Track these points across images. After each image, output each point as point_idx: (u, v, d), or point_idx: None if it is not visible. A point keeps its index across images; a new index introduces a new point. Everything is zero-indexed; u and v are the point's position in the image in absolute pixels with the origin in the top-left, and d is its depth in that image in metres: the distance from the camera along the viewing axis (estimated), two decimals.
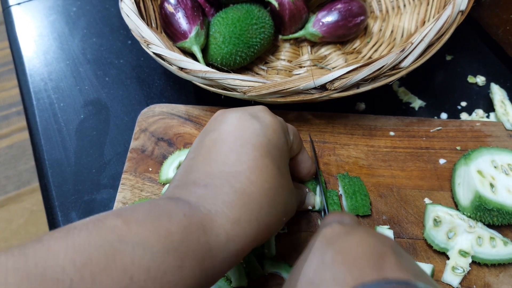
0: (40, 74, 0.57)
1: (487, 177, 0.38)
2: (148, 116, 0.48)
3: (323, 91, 0.40)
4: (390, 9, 0.58)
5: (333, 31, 0.52)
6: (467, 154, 0.41)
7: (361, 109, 0.52)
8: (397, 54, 0.39)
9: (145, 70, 0.57)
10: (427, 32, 0.39)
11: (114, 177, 0.46)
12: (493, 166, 0.39)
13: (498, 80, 0.54)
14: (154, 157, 0.45)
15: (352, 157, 0.45)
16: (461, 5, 0.40)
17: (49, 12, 0.66)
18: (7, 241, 1.23)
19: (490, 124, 0.47)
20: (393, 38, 0.55)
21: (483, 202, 0.37)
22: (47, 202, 0.45)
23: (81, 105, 0.53)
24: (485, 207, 0.37)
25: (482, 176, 0.38)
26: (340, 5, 0.52)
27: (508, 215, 0.37)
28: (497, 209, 0.36)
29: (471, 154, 0.40)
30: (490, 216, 0.37)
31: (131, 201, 0.42)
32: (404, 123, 0.47)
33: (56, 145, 0.49)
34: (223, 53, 0.47)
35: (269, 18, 0.50)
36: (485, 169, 0.39)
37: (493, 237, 0.37)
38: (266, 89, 0.39)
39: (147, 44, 0.44)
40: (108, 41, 0.61)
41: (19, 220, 1.28)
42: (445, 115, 0.51)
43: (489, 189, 0.37)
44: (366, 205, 0.40)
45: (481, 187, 0.37)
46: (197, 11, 0.47)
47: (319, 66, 0.54)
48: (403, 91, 0.53)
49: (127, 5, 0.46)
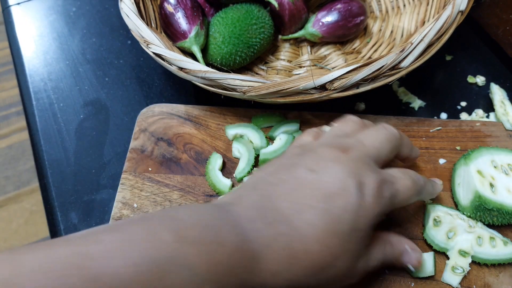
0: (39, 74, 0.57)
1: (487, 177, 0.38)
2: (147, 116, 0.48)
3: (323, 91, 0.40)
4: (390, 9, 0.58)
5: (333, 31, 0.52)
6: (467, 154, 0.41)
7: (361, 109, 0.52)
8: (396, 54, 0.39)
9: (145, 70, 0.57)
10: (427, 32, 0.39)
11: (114, 177, 0.46)
12: (493, 166, 0.39)
13: (498, 80, 0.54)
14: (154, 157, 0.45)
15: None
16: (460, 5, 0.40)
17: (49, 12, 0.66)
18: (6, 241, 1.23)
19: (490, 124, 0.47)
20: (393, 38, 0.55)
21: (483, 202, 0.37)
22: (46, 202, 0.45)
23: (80, 105, 0.53)
24: (485, 207, 0.37)
25: (482, 176, 0.38)
26: (340, 5, 0.52)
27: (508, 215, 0.37)
28: (497, 209, 0.36)
29: (471, 154, 0.40)
30: (490, 216, 0.37)
31: (131, 201, 0.42)
32: (403, 123, 0.47)
33: (55, 145, 0.49)
34: (222, 53, 0.47)
35: (269, 18, 0.50)
36: (485, 169, 0.39)
37: (493, 237, 0.37)
38: (266, 89, 0.39)
39: (146, 44, 0.44)
40: (108, 41, 0.61)
41: (18, 220, 1.28)
42: (444, 115, 0.51)
43: (489, 189, 0.37)
44: None
45: (481, 187, 0.37)
46: (197, 11, 0.47)
47: (319, 66, 0.54)
48: (402, 91, 0.53)
49: (127, 5, 0.46)
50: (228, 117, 0.48)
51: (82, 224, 0.42)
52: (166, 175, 0.44)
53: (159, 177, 0.44)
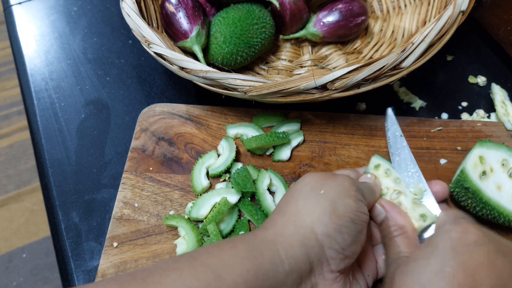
0: (41, 73, 0.57)
1: (485, 165, 0.38)
2: (148, 115, 0.49)
3: (324, 91, 0.40)
4: (391, 9, 0.58)
5: (334, 31, 0.52)
6: (484, 141, 0.40)
7: (362, 109, 0.52)
8: (398, 54, 0.39)
9: (146, 69, 0.57)
10: (428, 32, 0.39)
11: (115, 176, 0.46)
12: (502, 164, 0.39)
13: (499, 80, 0.54)
14: (155, 157, 0.45)
15: (353, 157, 0.45)
16: (462, 6, 0.40)
17: (50, 11, 0.66)
18: (7, 241, 1.23)
19: (491, 125, 0.47)
20: (394, 38, 0.55)
21: (463, 178, 0.37)
22: (47, 201, 0.45)
23: (82, 104, 0.53)
24: (463, 184, 0.37)
25: (481, 162, 0.38)
26: (341, 5, 0.52)
27: (482, 204, 0.37)
28: (472, 191, 0.37)
29: (488, 143, 0.40)
30: (465, 196, 0.38)
31: (132, 201, 0.42)
32: (405, 123, 0.47)
33: (56, 145, 0.49)
34: (224, 52, 0.47)
35: (270, 18, 0.50)
36: (491, 159, 0.38)
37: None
38: (267, 89, 0.39)
39: (148, 44, 0.44)
40: (109, 40, 0.61)
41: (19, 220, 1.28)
42: (446, 115, 0.51)
43: (478, 173, 0.38)
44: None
45: (471, 167, 0.38)
46: (198, 10, 0.47)
47: (320, 66, 0.54)
48: (404, 91, 0.53)
49: (128, 4, 0.46)
50: (229, 116, 0.49)
51: (83, 224, 0.42)
52: (167, 174, 0.44)
53: (160, 177, 0.44)
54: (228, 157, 0.44)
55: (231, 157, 0.43)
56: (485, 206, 0.37)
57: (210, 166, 0.44)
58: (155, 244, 0.39)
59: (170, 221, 0.40)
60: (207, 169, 0.44)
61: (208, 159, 0.44)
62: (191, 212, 0.40)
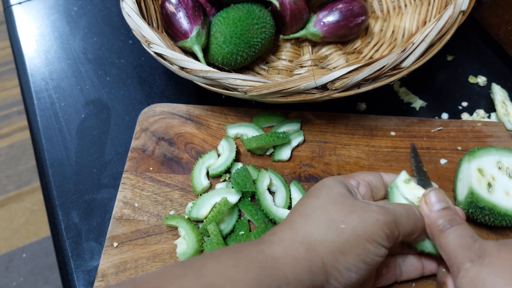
0: (41, 73, 0.57)
1: (486, 176, 0.38)
2: (149, 115, 0.48)
3: (324, 91, 0.40)
4: (391, 9, 0.58)
5: (334, 31, 0.52)
6: (473, 151, 0.40)
7: (362, 109, 0.52)
8: (398, 54, 0.39)
9: (146, 69, 0.57)
10: (428, 32, 0.39)
11: (115, 176, 0.46)
12: (498, 167, 0.39)
13: (499, 80, 0.54)
14: (155, 157, 0.45)
15: (353, 157, 0.45)
16: (462, 5, 0.40)
17: (50, 11, 0.66)
18: (7, 241, 1.23)
19: (491, 125, 0.47)
20: (394, 38, 0.55)
21: (475, 199, 0.37)
22: (47, 201, 0.45)
23: (82, 104, 0.53)
24: (476, 204, 0.37)
25: (482, 175, 0.38)
26: (341, 5, 0.52)
27: (500, 216, 0.36)
28: (488, 208, 0.36)
29: (477, 152, 0.40)
30: (482, 214, 0.37)
31: (132, 201, 0.42)
32: (405, 123, 0.47)
33: (57, 145, 0.49)
34: (224, 52, 0.47)
35: (270, 18, 0.50)
36: (487, 168, 0.39)
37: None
38: (267, 88, 0.39)
39: (148, 44, 0.44)
40: (109, 40, 0.61)
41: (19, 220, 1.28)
42: (446, 116, 0.51)
43: (485, 188, 0.37)
44: None
45: (477, 185, 0.37)
46: (198, 10, 0.47)
47: (320, 66, 0.54)
48: (404, 91, 0.53)
49: (128, 4, 0.46)
50: (229, 116, 0.48)
51: (83, 224, 0.42)
52: (167, 174, 0.44)
53: (160, 177, 0.44)
54: (228, 157, 0.44)
55: (231, 157, 0.43)
56: (504, 218, 0.36)
57: (210, 166, 0.44)
58: (155, 244, 0.39)
59: (170, 221, 0.40)
60: (207, 169, 0.44)
61: (208, 159, 0.44)
62: (191, 212, 0.40)
